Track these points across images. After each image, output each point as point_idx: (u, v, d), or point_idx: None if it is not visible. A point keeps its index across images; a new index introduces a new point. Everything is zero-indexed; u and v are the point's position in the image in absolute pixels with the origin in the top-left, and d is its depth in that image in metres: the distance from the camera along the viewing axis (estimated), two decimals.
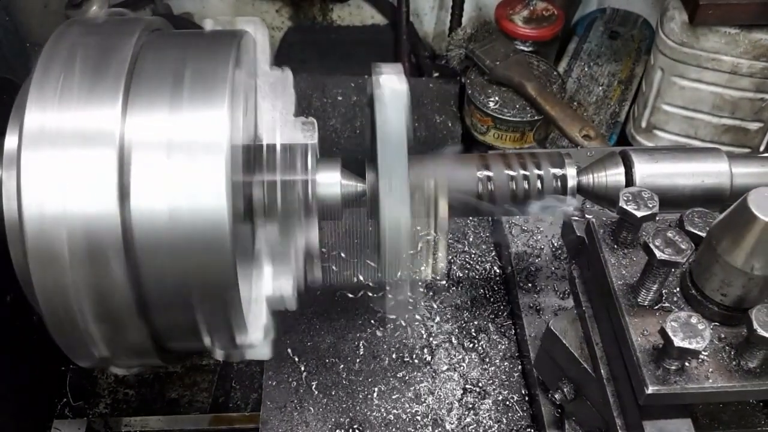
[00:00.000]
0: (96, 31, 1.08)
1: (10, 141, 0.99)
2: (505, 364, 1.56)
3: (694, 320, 0.95)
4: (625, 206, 1.08)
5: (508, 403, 1.51)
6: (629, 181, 1.23)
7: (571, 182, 1.24)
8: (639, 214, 1.07)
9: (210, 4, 2.72)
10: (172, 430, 1.95)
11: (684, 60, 2.14)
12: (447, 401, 1.50)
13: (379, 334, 1.61)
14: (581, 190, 1.24)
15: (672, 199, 1.22)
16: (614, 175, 1.24)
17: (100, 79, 0.99)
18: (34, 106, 0.97)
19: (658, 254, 0.99)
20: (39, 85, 0.99)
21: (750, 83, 2.11)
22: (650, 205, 1.08)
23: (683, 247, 1.00)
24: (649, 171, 1.23)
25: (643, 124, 2.37)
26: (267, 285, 1.21)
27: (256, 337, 1.14)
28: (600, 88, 2.56)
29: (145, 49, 1.07)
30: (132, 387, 2.04)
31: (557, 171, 1.24)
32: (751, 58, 2.05)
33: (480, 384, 1.53)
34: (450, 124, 2.37)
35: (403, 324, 1.62)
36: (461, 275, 1.73)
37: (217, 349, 1.14)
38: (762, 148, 2.28)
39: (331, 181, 1.17)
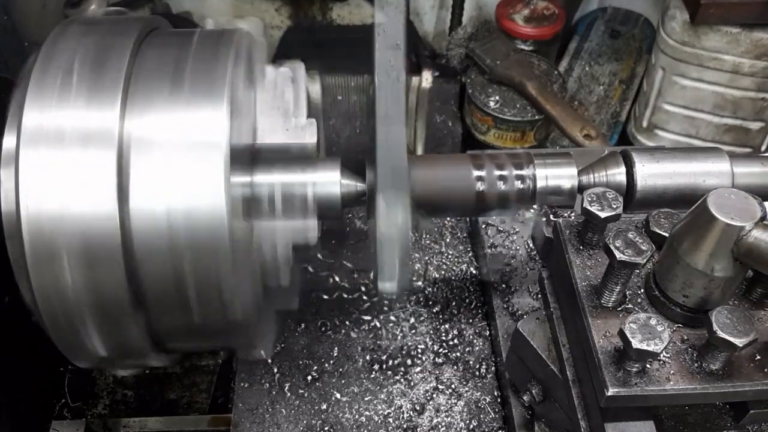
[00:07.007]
0: (94, 31, 1.07)
1: (8, 140, 0.99)
2: (479, 365, 1.56)
3: (653, 322, 0.94)
4: (588, 207, 1.07)
5: (480, 404, 1.50)
6: (630, 180, 1.22)
7: (572, 182, 1.24)
8: (603, 215, 1.07)
9: (209, 3, 2.71)
10: (171, 431, 1.94)
11: (685, 59, 2.13)
12: (419, 402, 1.50)
13: (353, 335, 1.60)
14: (582, 189, 1.24)
15: (673, 199, 1.22)
16: (615, 175, 1.23)
17: (99, 78, 0.99)
18: (33, 105, 0.97)
19: (618, 255, 0.99)
20: (37, 85, 0.98)
21: (751, 83, 2.10)
22: (614, 206, 1.07)
23: (643, 248, 0.99)
24: (650, 171, 1.22)
25: (644, 124, 2.36)
26: (267, 286, 1.21)
27: (255, 338, 1.13)
28: (601, 87, 2.55)
29: (143, 49, 1.06)
30: (131, 388, 2.03)
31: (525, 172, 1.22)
32: (753, 58, 2.05)
33: (453, 385, 1.53)
34: (450, 124, 2.37)
35: (378, 325, 1.61)
36: (437, 276, 1.73)
37: (217, 349, 1.13)
38: (763, 148, 2.27)
39: (330, 181, 1.17)
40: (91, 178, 0.95)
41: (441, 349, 1.58)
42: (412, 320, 1.63)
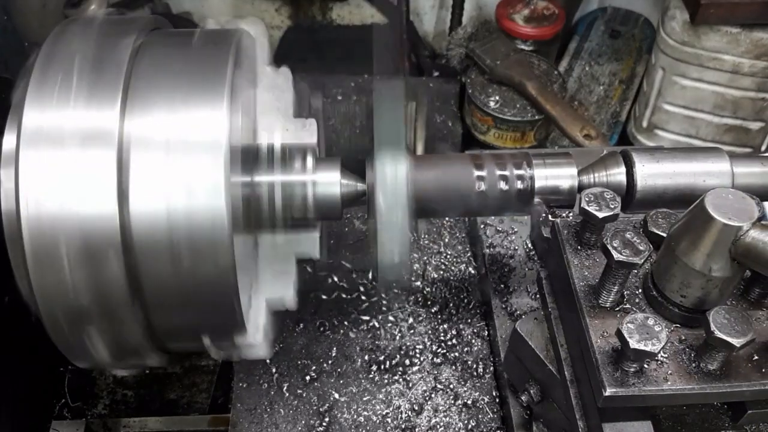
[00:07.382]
0: (94, 31, 1.07)
1: (8, 140, 0.99)
2: (477, 365, 1.56)
3: (650, 322, 0.94)
4: (586, 207, 1.07)
5: (478, 404, 1.50)
6: (630, 180, 1.22)
7: (572, 182, 1.24)
8: (600, 215, 1.07)
9: (209, 3, 2.71)
10: (171, 431, 1.94)
11: (685, 59, 2.13)
12: (417, 403, 1.50)
13: (352, 335, 1.60)
14: (582, 189, 1.24)
15: (673, 199, 1.22)
16: (615, 175, 1.23)
17: (99, 78, 0.99)
18: (33, 105, 0.97)
19: (616, 255, 0.99)
20: (37, 85, 0.98)
21: (751, 83, 2.10)
22: (612, 206, 1.08)
23: (641, 248, 1.00)
24: (650, 171, 1.22)
25: (644, 124, 2.36)
26: (267, 285, 1.21)
27: (255, 337, 1.13)
28: (601, 87, 2.55)
29: (143, 49, 1.06)
30: (131, 388, 2.03)
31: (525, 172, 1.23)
32: (753, 58, 2.05)
33: (451, 386, 1.53)
34: (450, 124, 2.37)
35: (376, 325, 1.61)
36: (436, 276, 1.72)
37: (216, 349, 1.13)
38: (763, 148, 2.27)
39: (330, 181, 1.17)
40: (91, 178, 0.95)
41: (439, 349, 1.58)
42: (411, 320, 1.63)
